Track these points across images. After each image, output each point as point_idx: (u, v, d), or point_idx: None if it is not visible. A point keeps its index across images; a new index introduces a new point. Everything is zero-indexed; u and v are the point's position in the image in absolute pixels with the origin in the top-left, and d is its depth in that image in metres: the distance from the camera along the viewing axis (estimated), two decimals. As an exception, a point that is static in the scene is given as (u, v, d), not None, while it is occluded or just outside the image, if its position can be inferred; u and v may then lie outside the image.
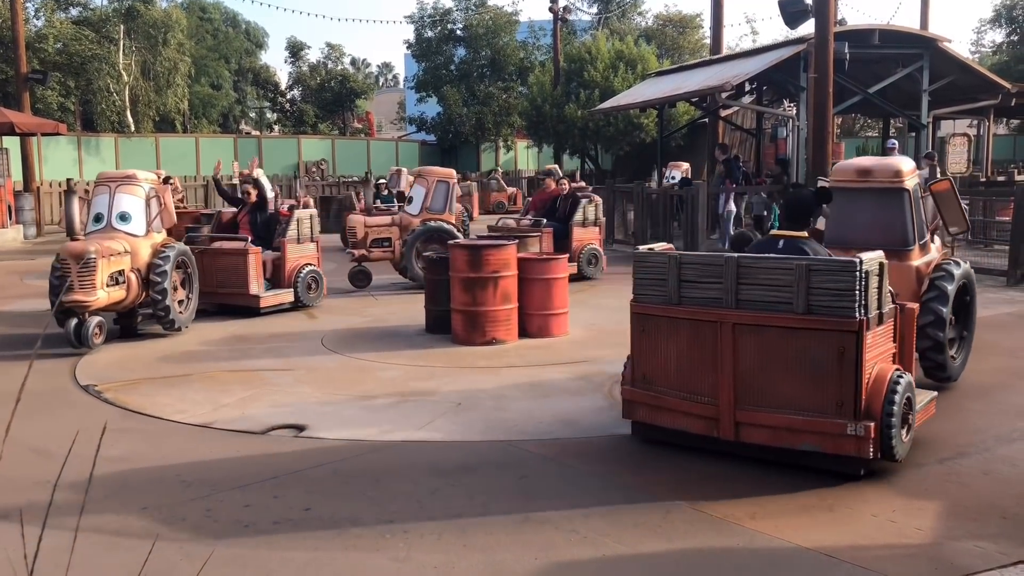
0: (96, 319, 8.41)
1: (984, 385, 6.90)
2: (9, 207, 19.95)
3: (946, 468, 5.02)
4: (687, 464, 5.13)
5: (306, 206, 12.62)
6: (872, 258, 4.70)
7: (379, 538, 4.17)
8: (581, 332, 9.01)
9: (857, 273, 4.56)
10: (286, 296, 10.53)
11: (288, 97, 45.72)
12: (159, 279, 8.78)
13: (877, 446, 4.64)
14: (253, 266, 10.12)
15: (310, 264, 10.79)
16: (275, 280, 10.56)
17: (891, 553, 3.96)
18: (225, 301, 10.26)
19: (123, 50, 30.34)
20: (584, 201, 13.24)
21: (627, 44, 30.61)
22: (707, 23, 42.35)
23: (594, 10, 42.51)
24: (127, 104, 30.61)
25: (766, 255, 5.01)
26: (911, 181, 6.64)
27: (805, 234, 5.31)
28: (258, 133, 41.36)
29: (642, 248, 5.57)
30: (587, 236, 13.15)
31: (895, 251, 6.30)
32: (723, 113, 21.66)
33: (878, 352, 4.80)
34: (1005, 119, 35.32)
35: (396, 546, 4.08)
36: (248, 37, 46.58)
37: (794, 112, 17.25)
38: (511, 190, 28.95)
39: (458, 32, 38.43)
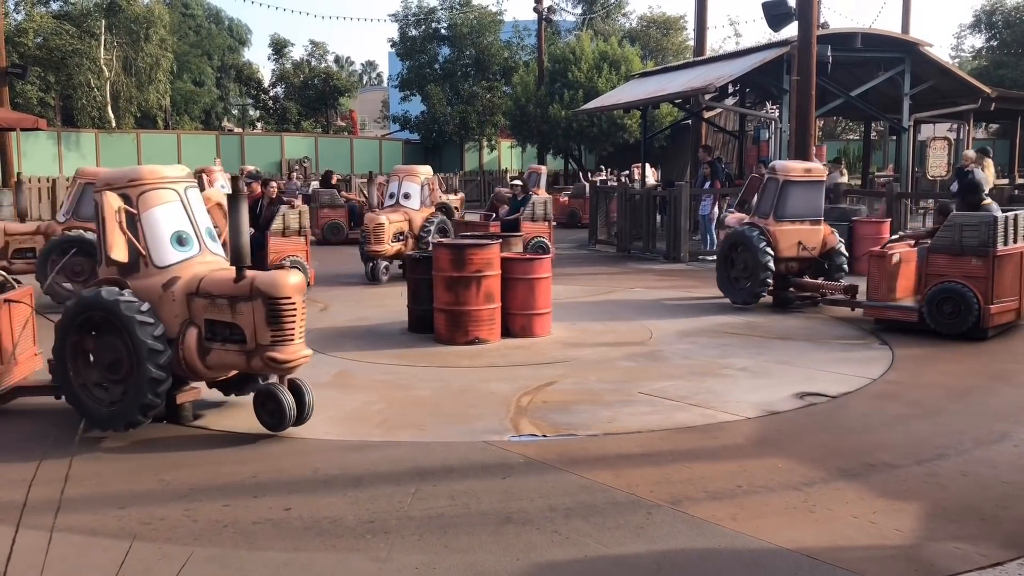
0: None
1: (963, 387, 6.95)
2: (-13, 203, 19.71)
3: (925, 470, 5.05)
4: (668, 466, 5.13)
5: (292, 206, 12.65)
6: None
7: (360, 538, 4.15)
8: (564, 332, 9.00)
9: None
10: None
11: (271, 94, 45.47)
12: None
13: None
14: None
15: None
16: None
17: (871, 554, 3.97)
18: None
19: (104, 45, 30.08)
20: (285, 208, 12.34)
21: (611, 45, 30.65)
22: (691, 25, 42.48)
23: (578, 11, 42.53)
24: (108, 100, 30.35)
25: None
26: None
27: None
28: (241, 130, 41.11)
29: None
30: (288, 247, 12.08)
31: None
32: (706, 115, 21.72)
33: None
34: (985, 123, 35.60)
35: (377, 546, 4.06)
36: (231, 34, 46.32)
37: (776, 114, 17.32)
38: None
39: (442, 31, 38.36)
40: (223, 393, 6.26)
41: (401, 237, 12.92)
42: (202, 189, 14.30)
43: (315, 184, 21.69)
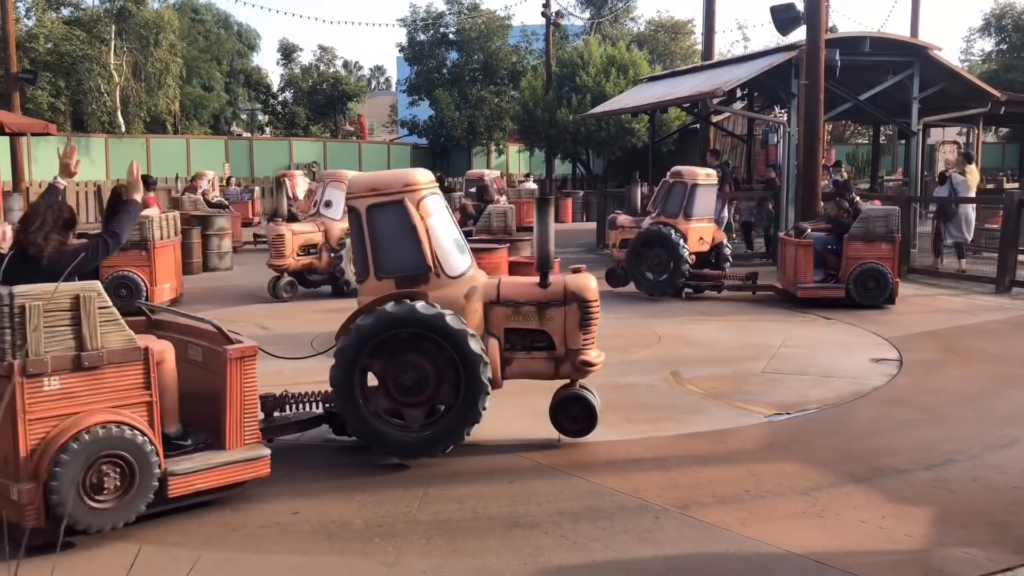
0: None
1: (972, 392, 6.92)
2: (-3, 207, 19.83)
3: (935, 474, 5.03)
4: (676, 470, 5.12)
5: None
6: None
7: (368, 542, 4.15)
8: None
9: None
10: None
11: (280, 99, 45.63)
12: None
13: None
14: None
15: None
16: None
17: (880, 559, 3.96)
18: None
19: (114, 50, 30.22)
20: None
21: (619, 49, 30.65)
22: (699, 29, 42.50)
23: (586, 15, 42.57)
24: (118, 105, 30.48)
25: None
26: None
27: None
28: (249, 135, 41.27)
29: None
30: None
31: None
32: (714, 119, 21.71)
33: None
34: (994, 127, 35.50)
35: (385, 550, 4.06)
36: (240, 39, 46.48)
37: (785, 118, 17.29)
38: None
39: (451, 36, 38.42)
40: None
41: (312, 251, 11.75)
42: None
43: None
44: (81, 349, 4.02)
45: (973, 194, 14.55)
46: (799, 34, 14.88)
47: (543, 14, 31.84)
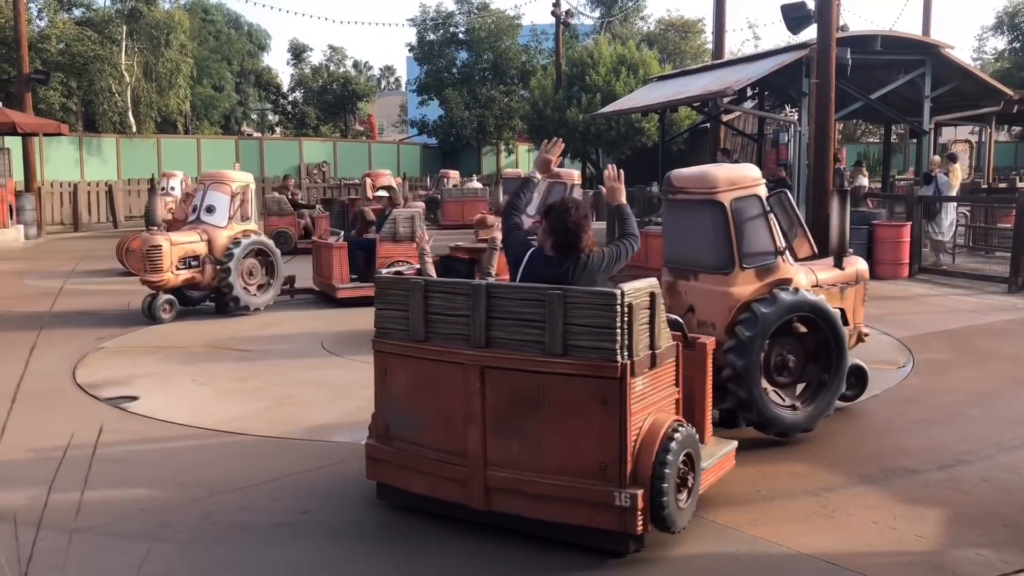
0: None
1: (984, 392, 6.88)
2: (10, 207, 19.94)
3: (947, 475, 5.00)
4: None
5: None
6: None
7: (378, 542, 4.16)
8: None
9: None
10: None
11: (290, 99, 45.72)
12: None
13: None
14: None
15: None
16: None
17: (892, 560, 3.94)
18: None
19: (125, 51, 30.33)
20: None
21: (629, 48, 30.60)
22: (709, 28, 42.39)
23: (596, 14, 42.52)
24: (129, 105, 30.59)
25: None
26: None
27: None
28: (260, 135, 41.37)
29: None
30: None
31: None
32: (725, 118, 21.64)
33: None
34: (1007, 126, 35.27)
35: (394, 551, 4.06)
36: (250, 39, 46.57)
37: (796, 117, 17.23)
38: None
39: (460, 35, 38.43)
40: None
41: (194, 263, 10.21)
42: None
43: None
44: (652, 347, 3.95)
45: (955, 193, 14.67)
46: (810, 33, 14.83)
47: (553, 13, 31.81)
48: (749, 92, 19.75)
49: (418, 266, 5.64)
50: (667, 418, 4.00)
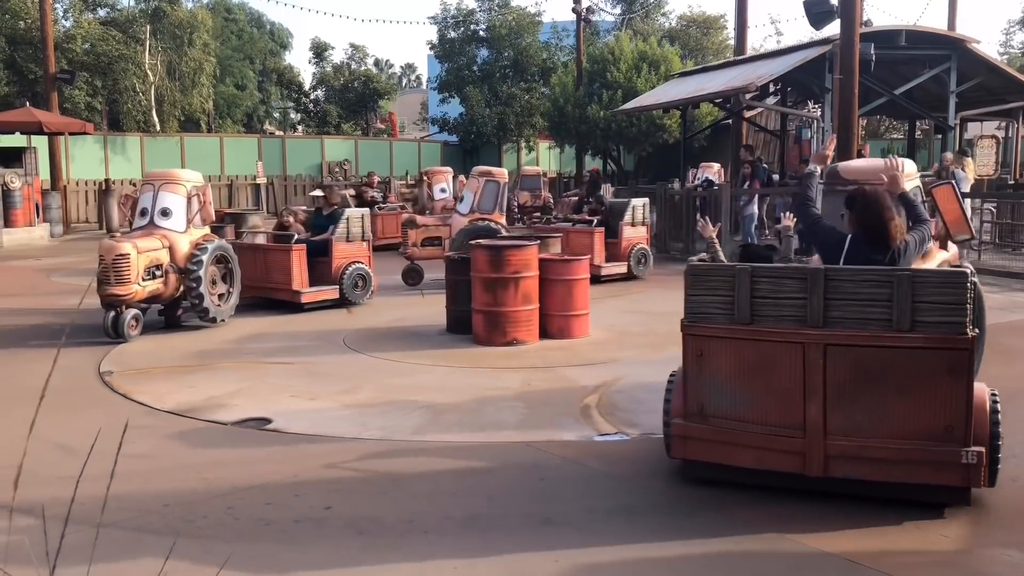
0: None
1: (1012, 390, 6.79)
2: (37, 205, 20.16)
3: (973, 474, 4.94)
4: (709, 467, 5.09)
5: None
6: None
7: (399, 538, 4.17)
8: (602, 334, 8.97)
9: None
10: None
11: (312, 97, 45.92)
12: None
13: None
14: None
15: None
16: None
17: (917, 560, 3.90)
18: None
19: (149, 50, 30.58)
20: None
21: (650, 45, 30.47)
22: (731, 24, 42.06)
23: (617, 11, 42.37)
24: (153, 104, 30.84)
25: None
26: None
27: None
28: (282, 133, 41.58)
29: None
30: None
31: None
32: (747, 114, 21.52)
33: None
34: (1034, 121, 34.82)
35: (417, 546, 4.07)
36: (272, 38, 46.82)
37: (819, 113, 17.11)
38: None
39: (481, 33, 38.43)
40: None
41: (158, 273, 9.11)
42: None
43: None
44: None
45: (968, 188, 14.55)
46: (833, 28, 14.71)
47: (574, 10, 31.74)
48: (771, 88, 19.63)
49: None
50: (982, 384, 4.47)
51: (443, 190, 17.22)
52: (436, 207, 16.83)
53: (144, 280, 8.93)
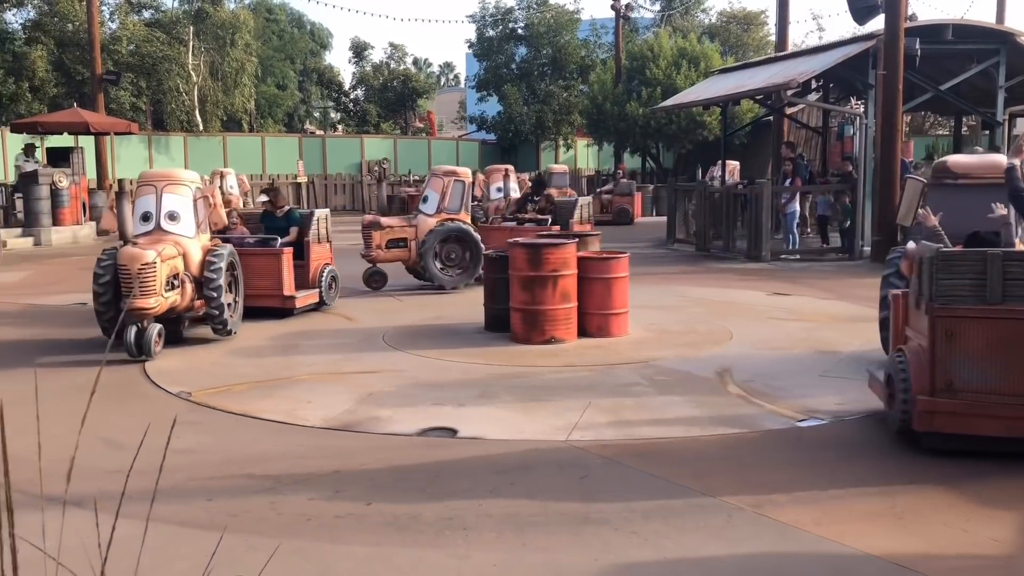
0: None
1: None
2: (84, 204, 20.56)
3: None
4: (750, 468, 5.05)
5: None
6: None
7: (439, 534, 4.19)
8: (641, 332, 8.93)
9: None
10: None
11: (351, 97, 46.29)
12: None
13: None
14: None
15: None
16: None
17: (965, 564, 3.83)
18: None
19: (192, 51, 31.05)
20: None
21: (690, 41, 30.29)
22: (772, 20, 41.60)
23: (656, 7, 42.15)
24: (196, 104, 31.32)
25: None
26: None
27: None
28: (322, 133, 41.96)
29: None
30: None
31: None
32: (788, 111, 21.28)
33: None
34: (1086, 116, 33.99)
35: (456, 543, 4.09)
36: (313, 38, 47.30)
37: (861, 109, 16.85)
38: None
39: (519, 31, 38.45)
40: None
41: (175, 282, 8.27)
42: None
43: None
44: None
45: None
46: (876, 23, 14.50)
47: (613, 7, 31.66)
48: (813, 84, 19.39)
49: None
50: None
51: (499, 190, 16.34)
52: (490, 208, 16.19)
53: (165, 291, 8.05)
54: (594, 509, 4.45)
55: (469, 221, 12.36)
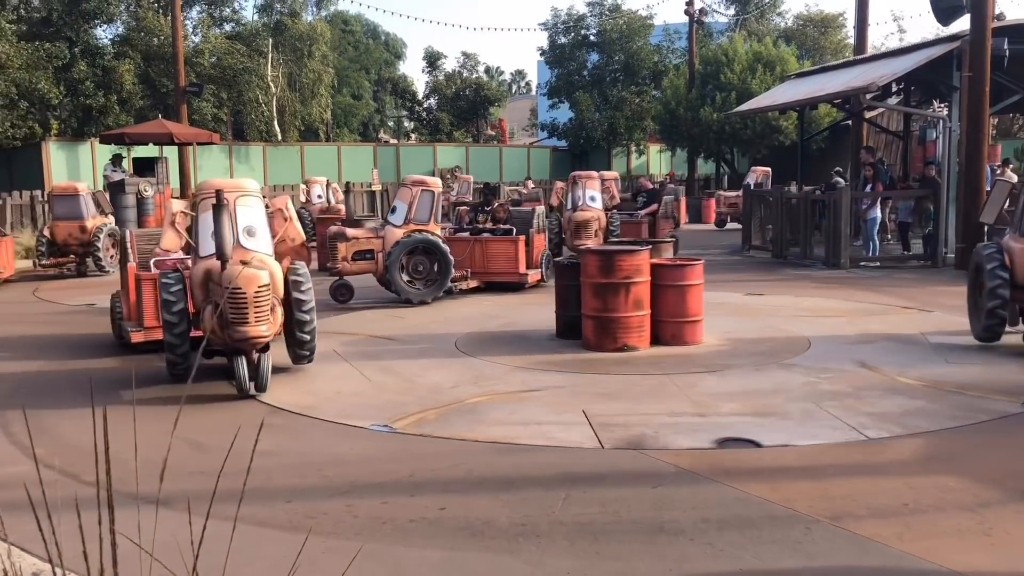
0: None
1: None
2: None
3: (1119, 495, 4.64)
4: (828, 480, 4.94)
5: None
6: None
7: (512, 541, 4.20)
8: (716, 340, 8.82)
9: None
10: None
11: (425, 106, 46.83)
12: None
13: None
14: None
15: None
16: None
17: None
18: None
19: (271, 63, 31.81)
20: None
21: (765, 45, 29.85)
22: (850, 22, 40.73)
23: (731, 12, 41.63)
24: (274, 114, 32.07)
25: None
26: None
27: None
28: (396, 141, 42.55)
29: None
30: None
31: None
32: (868, 115, 20.78)
33: None
34: None
35: (529, 550, 4.10)
36: (387, 48, 48.03)
37: (945, 113, 16.36)
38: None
39: (591, 38, 38.39)
40: None
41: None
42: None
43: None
44: None
45: None
46: (961, 24, 14.07)
47: (686, 12, 31.39)
48: (894, 88, 18.90)
49: None
50: None
51: (592, 199, 15.23)
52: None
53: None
54: (668, 519, 4.41)
55: (438, 232, 11.94)
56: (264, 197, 8.06)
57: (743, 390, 6.92)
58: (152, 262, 8.67)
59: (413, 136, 47.14)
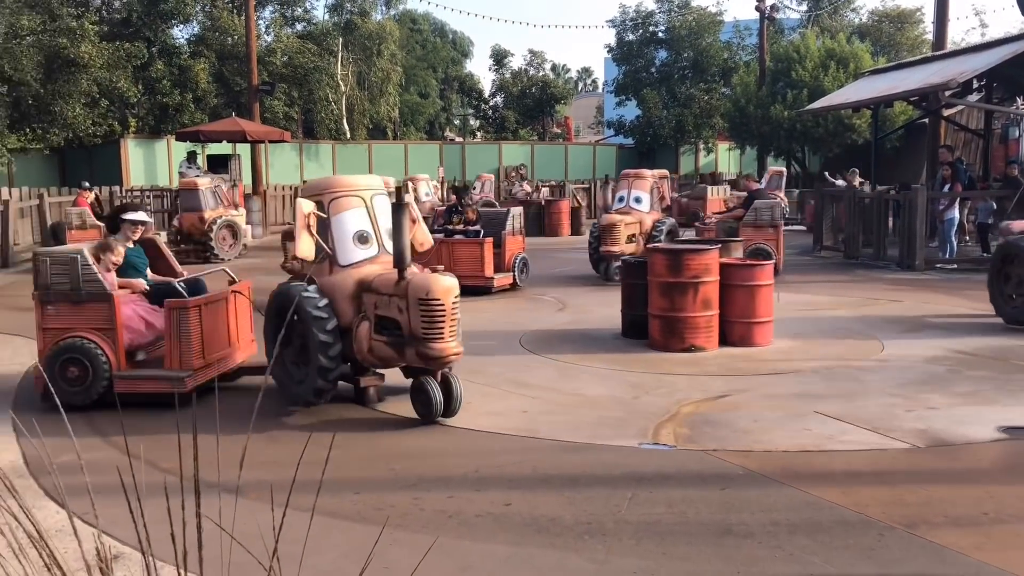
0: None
1: None
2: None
3: None
4: (902, 486, 4.82)
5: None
6: None
7: (578, 539, 4.20)
8: (786, 342, 8.67)
9: None
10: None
11: (491, 104, 47.02)
12: None
13: None
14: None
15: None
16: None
17: None
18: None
19: (341, 62, 32.30)
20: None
21: (838, 42, 29.20)
22: (928, 17, 39.71)
23: (803, 8, 40.81)
24: (343, 113, 32.56)
25: None
26: None
27: None
28: (461, 140, 42.81)
29: None
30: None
31: None
32: (946, 112, 20.18)
33: None
34: None
35: (595, 548, 4.09)
36: (455, 46, 48.34)
37: (1029, 110, 15.81)
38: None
39: (660, 34, 38.07)
40: None
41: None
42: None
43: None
44: None
45: None
46: (1048, 17, 13.55)
47: (757, 8, 30.91)
48: (975, 84, 18.32)
49: None
50: None
51: (637, 200, 14.39)
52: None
53: None
54: (736, 521, 4.35)
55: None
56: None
57: (815, 393, 6.78)
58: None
59: (479, 134, 47.37)
